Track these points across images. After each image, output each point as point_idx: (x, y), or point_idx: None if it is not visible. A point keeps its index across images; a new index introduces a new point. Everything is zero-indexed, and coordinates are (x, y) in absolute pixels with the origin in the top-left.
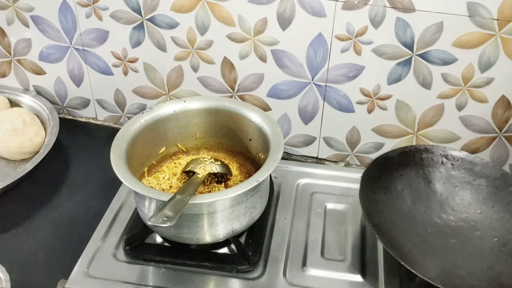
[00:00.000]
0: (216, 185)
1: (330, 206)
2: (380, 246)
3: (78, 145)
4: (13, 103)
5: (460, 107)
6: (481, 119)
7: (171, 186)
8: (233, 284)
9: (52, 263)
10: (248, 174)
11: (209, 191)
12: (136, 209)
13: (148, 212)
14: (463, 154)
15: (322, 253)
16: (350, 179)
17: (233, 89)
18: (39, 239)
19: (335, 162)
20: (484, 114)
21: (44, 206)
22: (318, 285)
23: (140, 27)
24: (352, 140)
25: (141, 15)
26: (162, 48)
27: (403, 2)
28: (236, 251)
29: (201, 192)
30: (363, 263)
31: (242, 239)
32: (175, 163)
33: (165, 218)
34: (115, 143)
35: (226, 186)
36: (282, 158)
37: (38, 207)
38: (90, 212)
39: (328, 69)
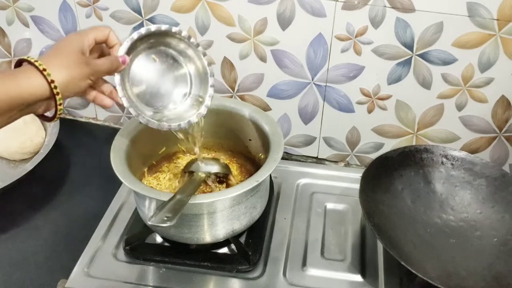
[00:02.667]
0: (217, 185)
1: (330, 206)
2: (380, 246)
3: (78, 145)
4: None
5: (460, 107)
6: (481, 119)
7: (171, 186)
8: (233, 284)
9: (52, 263)
10: (248, 174)
11: (211, 191)
12: (136, 209)
13: (148, 212)
14: (463, 154)
15: (322, 253)
16: (350, 179)
17: (233, 89)
18: (39, 239)
19: (335, 162)
20: (484, 114)
21: (44, 206)
22: (318, 285)
23: (140, 27)
24: (352, 140)
25: (141, 15)
26: None
27: (403, 2)
28: (236, 251)
29: (202, 192)
30: (363, 263)
31: (242, 239)
32: (175, 163)
33: (165, 218)
34: (115, 143)
35: (227, 186)
36: (282, 158)
37: (38, 207)
38: (90, 212)
39: (328, 69)
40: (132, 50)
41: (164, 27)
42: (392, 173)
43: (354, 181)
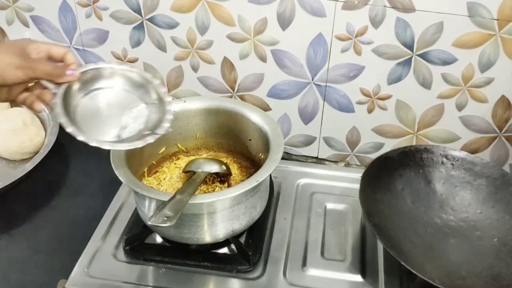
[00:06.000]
0: (219, 184)
1: (330, 206)
2: (380, 246)
3: (78, 145)
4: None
5: (460, 107)
6: (481, 119)
7: (171, 186)
8: (233, 284)
9: (52, 263)
10: (248, 174)
11: (213, 190)
12: (136, 209)
13: (148, 212)
14: (463, 154)
15: (322, 253)
16: (350, 179)
17: (233, 89)
18: (39, 239)
19: (335, 162)
20: (484, 114)
21: (44, 206)
22: (318, 285)
23: (140, 27)
24: (352, 140)
25: (141, 15)
26: (162, 48)
27: (403, 2)
28: (236, 251)
29: (204, 192)
30: (363, 263)
31: (242, 239)
32: (175, 163)
33: (165, 218)
34: None
35: (228, 186)
36: (282, 158)
37: (38, 207)
38: (90, 212)
39: (328, 69)
40: (91, 79)
41: (133, 70)
42: (392, 173)
43: (354, 181)
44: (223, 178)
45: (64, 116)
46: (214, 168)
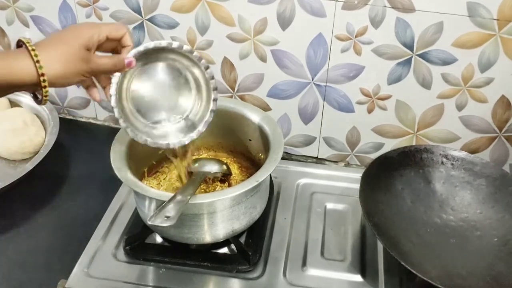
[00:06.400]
0: (219, 184)
1: (330, 206)
2: (380, 246)
3: (78, 145)
4: (13, 103)
5: (460, 107)
6: (481, 119)
7: (171, 186)
8: (233, 284)
9: (52, 263)
10: (248, 174)
11: (213, 189)
12: (136, 209)
13: (148, 212)
14: (463, 154)
15: (322, 253)
16: (350, 179)
17: (233, 89)
18: (39, 239)
19: (335, 162)
20: (484, 114)
21: (44, 206)
22: (318, 285)
23: (140, 27)
24: (352, 140)
25: (141, 15)
26: None
27: (403, 2)
28: (236, 251)
29: (204, 192)
30: (363, 263)
31: (242, 239)
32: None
33: (165, 218)
34: (115, 143)
35: (228, 186)
36: (282, 158)
37: (38, 207)
38: (90, 212)
39: (328, 69)
40: (142, 58)
41: (185, 47)
42: (392, 173)
43: (354, 181)
44: (223, 178)
45: (121, 117)
46: (214, 168)
